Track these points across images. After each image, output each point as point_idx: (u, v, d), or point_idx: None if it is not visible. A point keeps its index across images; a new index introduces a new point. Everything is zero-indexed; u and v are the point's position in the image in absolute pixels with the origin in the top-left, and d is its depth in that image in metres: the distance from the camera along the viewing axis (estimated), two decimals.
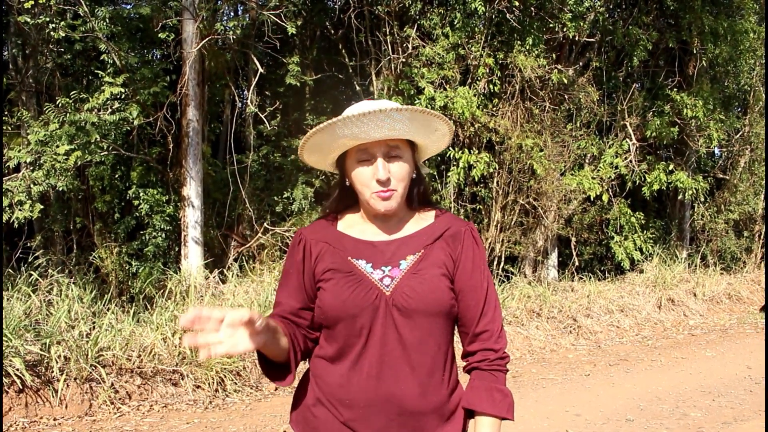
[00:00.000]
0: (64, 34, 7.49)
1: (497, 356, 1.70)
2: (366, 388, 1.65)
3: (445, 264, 1.71)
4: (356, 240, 1.75)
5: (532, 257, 10.60)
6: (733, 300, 10.83)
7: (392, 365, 1.65)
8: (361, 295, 1.65)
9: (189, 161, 8.34)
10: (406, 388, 1.65)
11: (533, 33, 9.23)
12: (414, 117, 1.63)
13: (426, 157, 1.84)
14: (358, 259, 1.71)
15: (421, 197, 1.81)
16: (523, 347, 7.73)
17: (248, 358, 6.10)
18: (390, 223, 1.77)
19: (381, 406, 1.64)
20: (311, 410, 1.73)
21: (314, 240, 1.77)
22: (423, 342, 1.66)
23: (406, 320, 1.65)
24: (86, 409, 5.04)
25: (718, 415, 5.34)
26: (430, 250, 1.72)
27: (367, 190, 1.67)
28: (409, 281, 1.67)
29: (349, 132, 1.61)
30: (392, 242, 1.74)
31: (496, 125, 9.23)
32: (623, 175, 10.69)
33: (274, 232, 9.07)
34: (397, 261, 1.71)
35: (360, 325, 1.65)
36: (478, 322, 1.71)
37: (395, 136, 1.65)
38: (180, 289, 7.26)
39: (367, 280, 1.68)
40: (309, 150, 1.72)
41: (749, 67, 12.07)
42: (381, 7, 9.31)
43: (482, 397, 1.67)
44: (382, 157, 1.65)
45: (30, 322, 5.61)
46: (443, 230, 1.76)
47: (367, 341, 1.65)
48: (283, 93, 10.40)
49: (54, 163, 7.11)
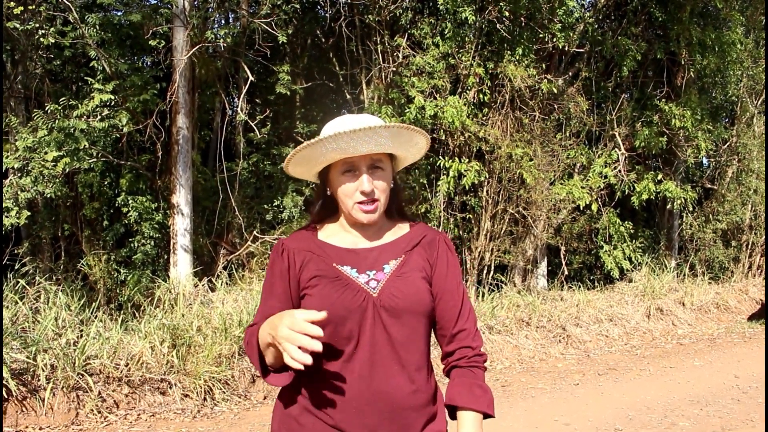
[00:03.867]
0: (53, 40, 7.46)
1: (474, 353, 1.79)
2: (359, 388, 1.70)
3: (424, 268, 1.81)
4: (338, 248, 1.82)
5: (522, 266, 10.62)
6: (721, 309, 10.88)
7: (383, 364, 1.71)
8: (349, 297, 1.72)
9: (179, 169, 8.31)
10: (397, 386, 1.71)
11: (523, 43, 9.28)
12: (398, 133, 1.73)
13: (402, 167, 1.94)
14: (342, 266, 1.78)
15: (398, 207, 1.91)
16: (513, 356, 7.73)
17: (237, 367, 6.08)
18: (370, 231, 1.86)
19: (373, 404, 1.69)
20: (297, 420, 1.75)
21: (296, 249, 1.82)
22: (410, 341, 1.74)
23: (394, 320, 1.72)
24: (73, 418, 5.00)
25: (707, 424, 5.36)
26: (410, 255, 1.82)
27: (350, 201, 1.76)
28: (394, 283, 1.76)
29: (337, 146, 1.69)
30: (374, 249, 1.83)
31: (486, 134, 9.25)
32: (612, 184, 10.75)
33: (264, 241, 9.04)
34: (380, 265, 1.79)
35: (349, 326, 1.71)
36: (456, 322, 1.80)
37: (380, 150, 1.74)
38: (169, 297, 7.22)
39: (354, 283, 1.75)
40: (295, 162, 1.79)
41: (736, 78, 12.18)
42: (372, 16, 9.33)
43: (463, 393, 1.75)
44: (366, 170, 1.75)
45: (16, 329, 5.56)
46: (420, 238, 1.86)
47: (357, 342, 1.71)
48: (273, 101, 10.40)
49: (42, 170, 7.07)
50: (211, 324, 6.39)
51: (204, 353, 5.85)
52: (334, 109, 12.46)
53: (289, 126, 10.62)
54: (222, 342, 6.07)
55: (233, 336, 6.23)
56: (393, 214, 1.91)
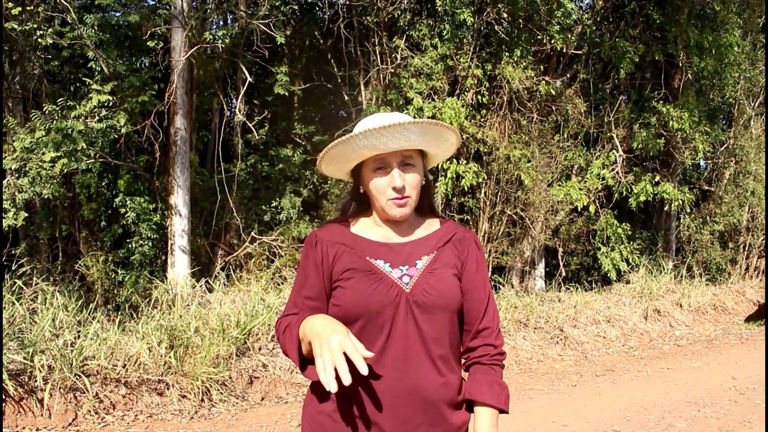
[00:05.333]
0: (51, 40, 7.45)
1: (497, 352, 1.84)
2: (392, 382, 1.73)
3: (455, 265, 1.85)
4: (371, 241, 1.85)
5: (519, 268, 10.63)
6: (718, 311, 10.90)
7: (414, 358, 1.74)
8: (383, 292, 1.75)
9: (176, 170, 8.30)
10: (429, 379, 1.75)
11: (521, 45, 9.30)
12: (428, 129, 1.76)
13: (434, 164, 1.97)
14: (376, 259, 1.82)
15: (429, 204, 1.95)
16: (510, 357, 7.73)
17: (234, 368, 6.07)
18: (402, 226, 1.89)
19: (407, 398, 1.73)
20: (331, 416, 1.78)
21: (330, 242, 1.86)
22: (440, 336, 1.78)
23: (426, 316, 1.76)
24: (70, 419, 4.99)
25: (704, 425, 5.36)
26: (442, 251, 1.86)
27: (383, 197, 1.80)
28: (427, 279, 1.79)
29: (368, 143, 1.72)
30: (407, 244, 1.86)
31: (484, 136, 9.26)
32: (610, 186, 10.76)
33: (262, 242, 9.04)
34: (413, 261, 1.82)
35: (382, 320, 1.74)
36: (481, 319, 1.85)
37: (410, 146, 1.77)
38: (166, 298, 7.20)
39: (387, 278, 1.78)
40: (328, 160, 1.83)
41: (734, 81, 12.21)
42: (370, 17, 9.34)
43: (483, 389, 1.79)
44: (397, 166, 1.78)
45: (13, 330, 5.55)
46: (451, 235, 1.90)
47: (389, 336, 1.74)
48: (271, 102, 10.40)
49: (40, 171, 7.06)
50: (209, 325, 6.38)
51: (201, 354, 5.84)
52: (332, 111, 12.46)
53: (287, 127, 10.62)
54: (219, 343, 6.06)
55: (231, 337, 6.22)
56: (424, 210, 1.94)
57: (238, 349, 6.24)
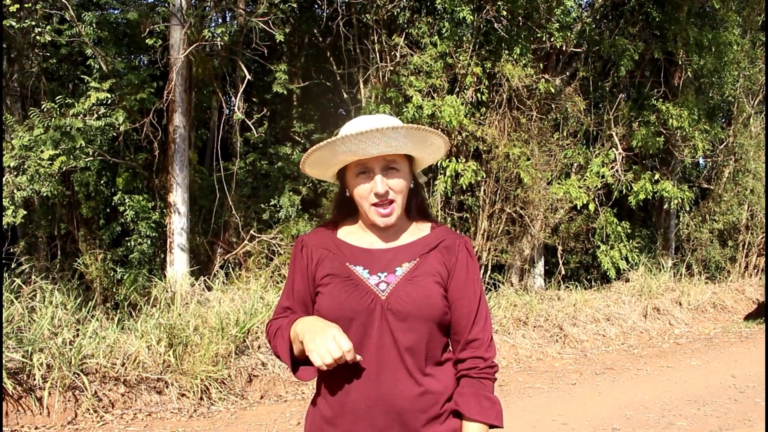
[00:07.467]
0: (49, 38, 7.44)
1: (486, 365, 1.76)
2: (365, 390, 1.70)
3: (439, 273, 1.78)
4: (354, 247, 1.82)
5: (519, 266, 10.62)
6: (717, 309, 10.90)
7: (389, 367, 1.70)
8: (357, 298, 1.72)
9: (175, 168, 8.28)
10: (404, 389, 1.70)
11: (521, 43, 9.28)
12: (410, 134, 1.70)
13: (423, 167, 1.91)
14: (355, 265, 1.78)
15: (418, 208, 1.89)
16: (510, 356, 7.73)
17: (233, 367, 6.06)
18: (388, 232, 1.84)
19: (381, 406, 1.69)
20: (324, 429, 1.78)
21: (315, 246, 1.84)
22: (417, 345, 1.72)
23: (401, 324, 1.70)
24: (69, 418, 4.98)
25: (704, 424, 5.36)
26: (425, 258, 1.79)
27: (366, 203, 1.76)
28: (404, 287, 1.73)
29: (348, 149, 1.68)
30: (389, 250, 1.81)
31: (484, 134, 9.25)
32: (609, 184, 10.76)
33: (261, 240, 9.02)
34: (393, 268, 1.77)
35: (356, 328, 1.70)
36: (470, 330, 1.77)
37: (392, 152, 1.72)
38: (165, 297, 7.19)
39: (364, 284, 1.74)
40: (311, 165, 1.81)
41: (733, 79, 12.19)
42: (369, 15, 9.31)
43: (471, 403, 1.72)
44: (380, 171, 1.74)
45: (12, 329, 5.53)
46: (438, 241, 1.83)
47: (363, 344, 1.70)
48: (270, 100, 10.38)
49: (38, 168, 7.04)
50: (208, 323, 6.37)
51: (200, 353, 5.83)
52: (331, 108, 12.45)
53: (286, 125, 10.60)
54: (219, 341, 6.05)
55: (230, 335, 6.21)
56: (412, 214, 1.88)
57: (237, 347, 6.23)
